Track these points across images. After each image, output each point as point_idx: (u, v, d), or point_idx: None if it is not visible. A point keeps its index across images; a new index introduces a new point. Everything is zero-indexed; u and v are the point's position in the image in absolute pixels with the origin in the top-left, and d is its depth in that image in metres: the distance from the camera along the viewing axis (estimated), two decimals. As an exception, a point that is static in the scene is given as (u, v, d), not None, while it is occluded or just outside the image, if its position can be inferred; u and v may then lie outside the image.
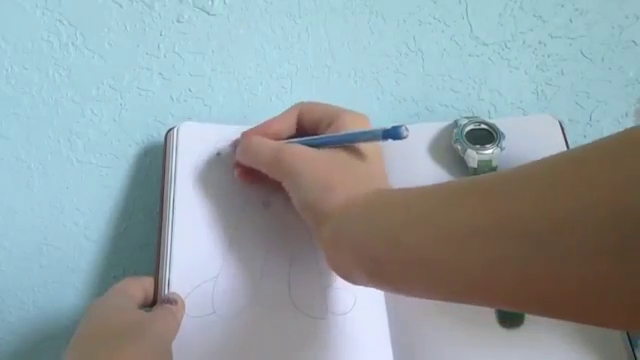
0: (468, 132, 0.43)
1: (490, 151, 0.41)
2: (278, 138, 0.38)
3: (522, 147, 0.43)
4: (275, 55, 0.47)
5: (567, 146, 0.44)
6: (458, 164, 0.43)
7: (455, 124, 0.44)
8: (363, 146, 0.34)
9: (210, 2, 0.44)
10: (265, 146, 0.36)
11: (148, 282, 0.37)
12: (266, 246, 0.39)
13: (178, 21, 0.44)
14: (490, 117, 0.48)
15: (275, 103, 0.48)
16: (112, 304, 0.34)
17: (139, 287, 0.36)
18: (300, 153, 0.34)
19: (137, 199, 0.46)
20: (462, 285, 0.24)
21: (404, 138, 0.28)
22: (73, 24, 0.43)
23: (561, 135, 0.44)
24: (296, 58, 0.47)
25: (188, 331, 0.35)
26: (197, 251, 0.38)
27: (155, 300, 0.36)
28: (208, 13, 0.44)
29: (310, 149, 0.34)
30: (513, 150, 0.42)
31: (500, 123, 0.43)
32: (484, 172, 0.42)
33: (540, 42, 0.49)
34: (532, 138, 0.44)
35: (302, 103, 0.38)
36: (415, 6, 0.47)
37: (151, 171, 0.46)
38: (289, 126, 0.38)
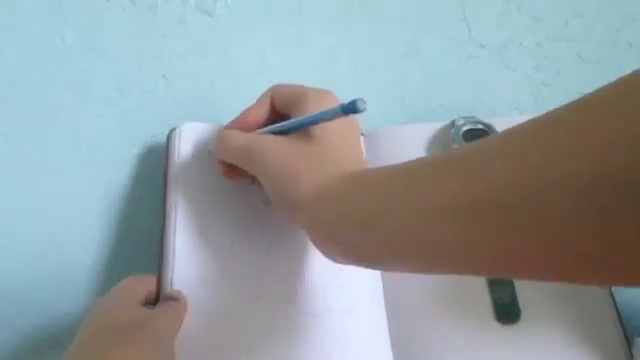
0: (465, 132, 0.43)
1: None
2: (257, 127, 0.36)
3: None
4: (276, 57, 0.47)
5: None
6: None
7: (452, 124, 0.44)
8: (332, 126, 0.32)
9: (212, 5, 0.44)
10: (235, 140, 0.35)
11: (151, 280, 0.37)
12: (267, 244, 0.39)
13: (181, 23, 0.44)
14: (488, 118, 0.48)
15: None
16: (115, 302, 0.34)
17: (142, 285, 0.36)
18: (266, 144, 0.33)
19: (140, 199, 0.46)
20: (442, 259, 0.24)
21: (362, 111, 0.28)
22: (77, 26, 0.43)
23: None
24: (297, 60, 0.47)
25: (190, 328, 0.35)
26: (199, 249, 0.38)
27: (158, 298, 0.36)
28: (210, 15, 0.45)
29: (277, 138, 0.33)
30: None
31: (497, 123, 0.43)
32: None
33: (537, 44, 0.49)
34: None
35: (273, 87, 0.37)
36: (414, 8, 0.47)
37: (154, 171, 0.46)
38: (264, 113, 0.37)
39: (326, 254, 0.31)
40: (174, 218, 0.38)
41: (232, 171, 0.37)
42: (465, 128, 0.43)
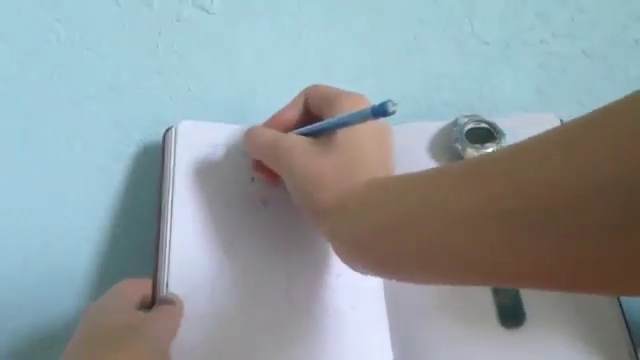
0: (468, 131, 0.43)
1: (490, 150, 0.41)
2: (290, 128, 0.36)
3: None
4: (275, 54, 0.47)
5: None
6: (459, 164, 0.43)
7: (455, 123, 0.44)
8: (361, 130, 0.32)
9: (209, 1, 0.44)
10: (264, 137, 0.35)
11: (146, 283, 0.37)
12: (265, 245, 0.39)
13: (177, 20, 0.44)
14: (491, 117, 0.48)
15: (275, 103, 0.47)
16: (110, 305, 0.34)
17: (137, 288, 0.36)
18: (295, 144, 0.33)
19: (136, 199, 0.46)
20: (473, 269, 0.24)
21: (392, 113, 0.28)
22: (71, 23, 0.43)
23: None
24: (296, 57, 0.47)
25: (187, 332, 0.35)
26: (196, 251, 0.37)
27: (153, 301, 0.36)
28: (207, 12, 0.44)
29: (306, 140, 0.33)
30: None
31: (500, 121, 0.43)
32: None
33: (542, 41, 0.49)
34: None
35: (309, 87, 0.37)
36: (416, 5, 0.47)
37: (150, 171, 0.46)
38: (298, 113, 0.37)
39: (348, 263, 0.31)
40: (170, 219, 0.38)
41: (264, 168, 0.37)
42: (468, 127, 0.43)
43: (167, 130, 0.41)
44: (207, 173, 0.40)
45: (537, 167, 0.20)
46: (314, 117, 0.36)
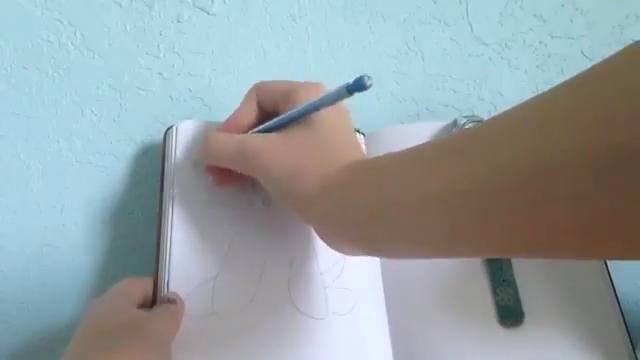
0: (468, 131, 0.43)
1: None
2: (247, 129, 0.36)
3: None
4: (275, 55, 0.47)
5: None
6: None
7: (454, 123, 0.44)
8: (326, 115, 0.32)
9: (210, 2, 0.44)
10: (226, 142, 0.34)
11: (147, 282, 0.37)
12: (266, 245, 0.39)
13: (178, 21, 0.44)
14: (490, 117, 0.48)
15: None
16: (111, 304, 0.34)
17: (138, 287, 0.36)
18: (261, 143, 0.32)
19: (136, 199, 0.46)
20: (450, 242, 0.24)
21: (369, 87, 0.27)
22: (73, 24, 0.43)
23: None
24: (296, 58, 0.47)
25: (188, 331, 0.35)
26: (196, 250, 0.37)
27: (154, 300, 0.36)
28: (208, 13, 0.44)
29: (270, 135, 0.32)
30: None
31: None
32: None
33: (541, 42, 0.49)
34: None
35: (256, 85, 0.36)
36: (415, 6, 0.47)
37: (150, 171, 0.46)
38: (252, 113, 0.36)
39: (335, 246, 0.31)
40: (171, 218, 0.38)
41: (225, 176, 0.37)
42: (467, 127, 0.43)
43: (167, 130, 0.41)
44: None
45: (504, 143, 0.21)
46: (268, 114, 0.35)
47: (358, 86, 0.27)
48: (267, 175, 0.32)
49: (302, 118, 0.32)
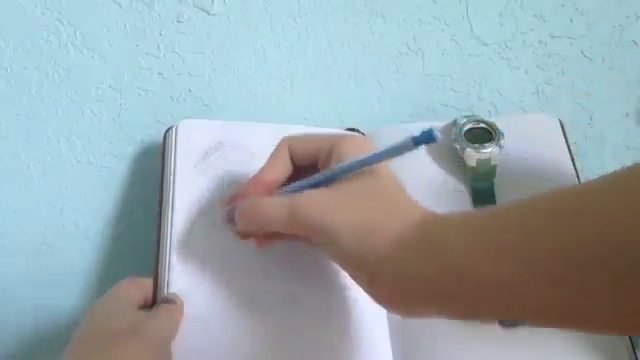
0: (467, 131, 0.43)
1: (489, 150, 0.41)
2: (276, 186, 0.34)
3: (521, 145, 0.43)
4: (275, 55, 0.47)
5: (567, 144, 0.44)
6: (457, 163, 0.43)
7: (454, 123, 0.44)
8: (381, 168, 0.30)
9: (210, 2, 0.44)
10: (273, 208, 0.31)
11: (147, 283, 0.37)
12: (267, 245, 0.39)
13: (178, 21, 0.44)
14: (490, 117, 0.48)
15: (275, 103, 0.48)
16: (111, 305, 0.34)
17: (138, 288, 0.36)
18: (317, 202, 0.30)
19: (137, 199, 0.46)
20: (548, 315, 0.24)
21: (439, 140, 0.25)
22: (73, 24, 0.43)
23: (561, 133, 0.44)
24: (296, 58, 0.47)
25: (188, 331, 0.35)
26: (196, 250, 0.37)
27: (154, 301, 0.36)
28: (208, 13, 0.44)
29: (323, 192, 0.30)
30: (512, 149, 0.42)
31: (499, 122, 0.43)
32: (483, 171, 0.42)
33: (540, 42, 0.49)
34: (531, 136, 0.44)
35: (286, 139, 0.34)
36: (415, 6, 0.47)
37: (151, 171, 0.46)
38: (285, 168, 0.34)
39: (388, 306, 0.29)
40: (170, 218, 0.38)
41: (268, 238, 0.35)
42: (467, 127, 0.43)
43: (167, 130, 0.41)
44: (207, 171, 0.40)
45: (583, 224, 0.22)
46: (300, 169, 0.34)
47: (426, 138, 0.26)
48: (330, 237, 0.29)
49: (352, 172, 0.30)
